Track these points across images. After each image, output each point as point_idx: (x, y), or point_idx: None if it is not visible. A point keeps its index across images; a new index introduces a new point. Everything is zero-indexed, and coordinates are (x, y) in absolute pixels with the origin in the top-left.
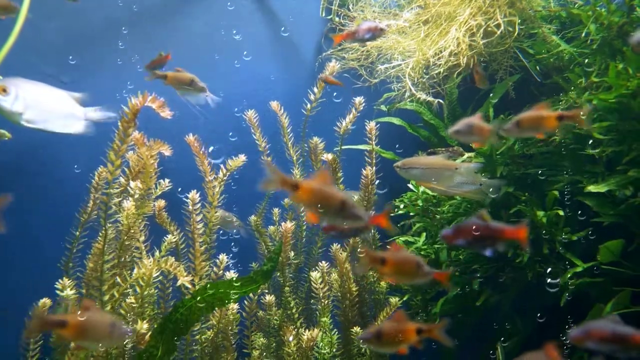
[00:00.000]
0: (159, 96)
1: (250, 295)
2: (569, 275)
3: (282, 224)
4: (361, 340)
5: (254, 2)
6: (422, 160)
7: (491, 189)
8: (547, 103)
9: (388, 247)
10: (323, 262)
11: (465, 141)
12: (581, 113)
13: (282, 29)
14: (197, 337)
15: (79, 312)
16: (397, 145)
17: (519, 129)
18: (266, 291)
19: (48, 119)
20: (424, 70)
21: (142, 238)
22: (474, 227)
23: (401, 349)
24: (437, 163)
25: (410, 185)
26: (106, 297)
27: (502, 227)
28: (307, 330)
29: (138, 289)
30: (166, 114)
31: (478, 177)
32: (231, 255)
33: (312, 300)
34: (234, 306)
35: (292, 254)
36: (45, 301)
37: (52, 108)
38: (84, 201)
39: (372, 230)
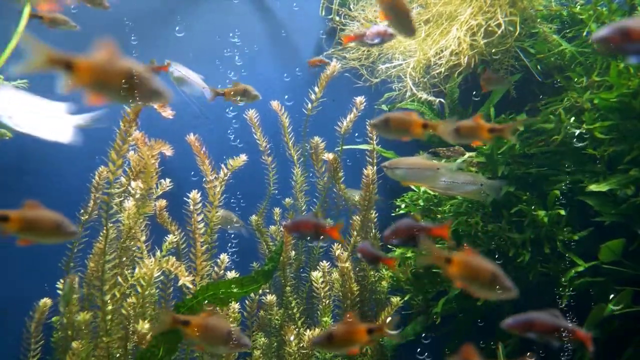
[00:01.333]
0: None
1: (252, 294)
2: (570, 275)
3: (283, 223)
4: (313, 344)
5: (254, 1)
6: (406, 161)
7: (492, 190)
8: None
9: (460, 248)
10: (324, 261)
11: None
12: (511, 129)
13: (282, 29)
14: None
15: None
16: (397, 145)
17: (458, 135)
18: (267, 291)
19: (35, 124)
20: (425, 70)
21: (143, 238)
22: (407, 226)
23: (353, 349)
24: (419, 163)
25: (411, 185)
26: (107, 297)
27: (429, 226)
28: (308, 330)
29: (139, 289)
30: (168, 113)
31: (478, 177)
32: (233, 255)
33: (313, 300)
34: (235, 306)
35: (293, 253)
36: (46, 301)
37: (38, 114)
38: (84, 201)
39: (373, 230)
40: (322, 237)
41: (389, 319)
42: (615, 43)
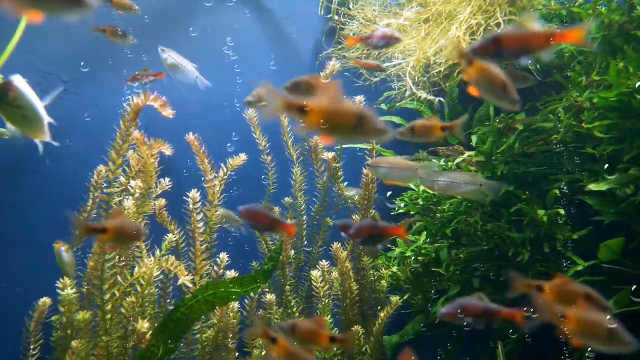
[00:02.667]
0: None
1: (251, 294)
2: (569, 274)
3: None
4: (280, 328)
5: (254, 1)
6: (387, 160)
7: (491, 191)
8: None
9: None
10: (324, 261)
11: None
12: (459, 126)
13: (282, 28)
14: (198, 336)
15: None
16: (397, 145)
17: (412, 134)
18: (267, 290)
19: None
20: (425, 69)
21: (143, 237)
22: (367, 227)
23: (310, 350)
24: (399, 163)
25: (411, 185)
26: (107, 296)
27: (387, 226)
28: None
29: (139, 288)
30: (168, 113)
31: (478, 178)
32: (232, 253)
33: (313, 299)
34: (235, 305)
35: (292, 253)
36: (46, 300)
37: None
38: (84, 200)
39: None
40: (276, 231)
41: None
42: (489, 51)
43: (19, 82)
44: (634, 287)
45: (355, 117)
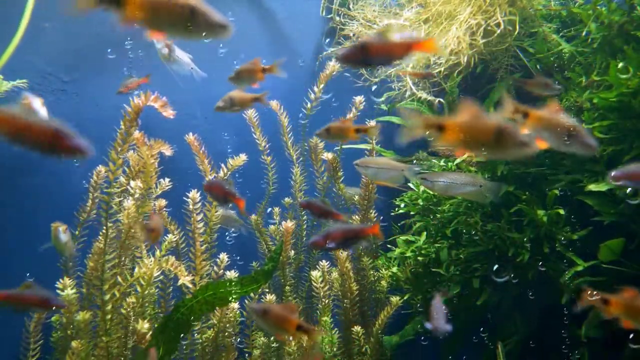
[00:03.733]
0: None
1: (251, 294)
2: (569, 275)
3: (283, 223)
4: (251, 309)
5: (255, 1)
6: (375, 160)
7: (491, 192)
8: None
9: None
10: (323, 261)
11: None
12: (373, 129)
13: (282, 28)
14: (198, 336)
15: None
16: (397, 144)
17: (328, 134)
18: (267, 290)
19: None
20: (425, 69)
21: (143, 237)
22: (339, 230)
23: (278, 334)
24: (388, 164)
25: (410, 185)
26: (107, 297)
27: (361, 227)
28: None
29: (139, 289)
30: (168, 113)
31: (477, 179)
32: (232, 254)
33: (313, 300)
34: (235, 305)
35: (292, 253)
36: None
37: None
38: (83, 200)
39: None
40: (229, 204)
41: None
42: (356, 59)
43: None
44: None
45: (493, 133)
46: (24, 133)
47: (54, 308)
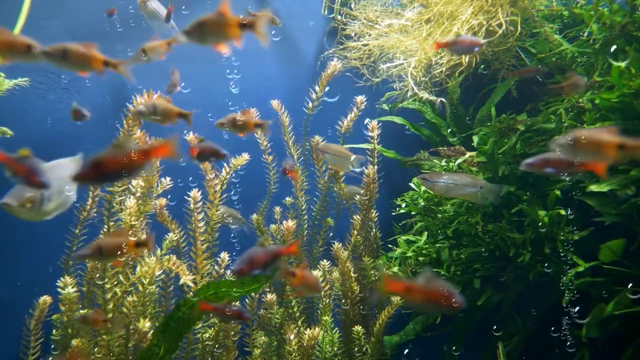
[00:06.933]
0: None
1: (252, 293)
2: (570, 275)
3: (284, 222)
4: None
5: (257, 0)
6: (333, 147)
7: (491, 193)
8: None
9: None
10: (324, 260)
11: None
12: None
13: (284, 28)
14: (199, 335)
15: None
16: (398, 144)
17: (228, 125)
18: (267, 290)
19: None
20: (426, 69)
21: (144, 236)
22: (260, 255)
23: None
24: (340, 152)
25: (412, 185)
26: (108, 295)
27: (280, 248)
28: (308, 329)
29: (140, 287)
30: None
31: (478, 180)
32: (233, 253)
33: (314, 299)
34: (236, 305)
35: None
36: (46, 299)
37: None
38: (83, 199)
39: (374, 229)
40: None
41: None
42: (90, 177)
43: None
44: (629, 285)
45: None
46: None
47: None
